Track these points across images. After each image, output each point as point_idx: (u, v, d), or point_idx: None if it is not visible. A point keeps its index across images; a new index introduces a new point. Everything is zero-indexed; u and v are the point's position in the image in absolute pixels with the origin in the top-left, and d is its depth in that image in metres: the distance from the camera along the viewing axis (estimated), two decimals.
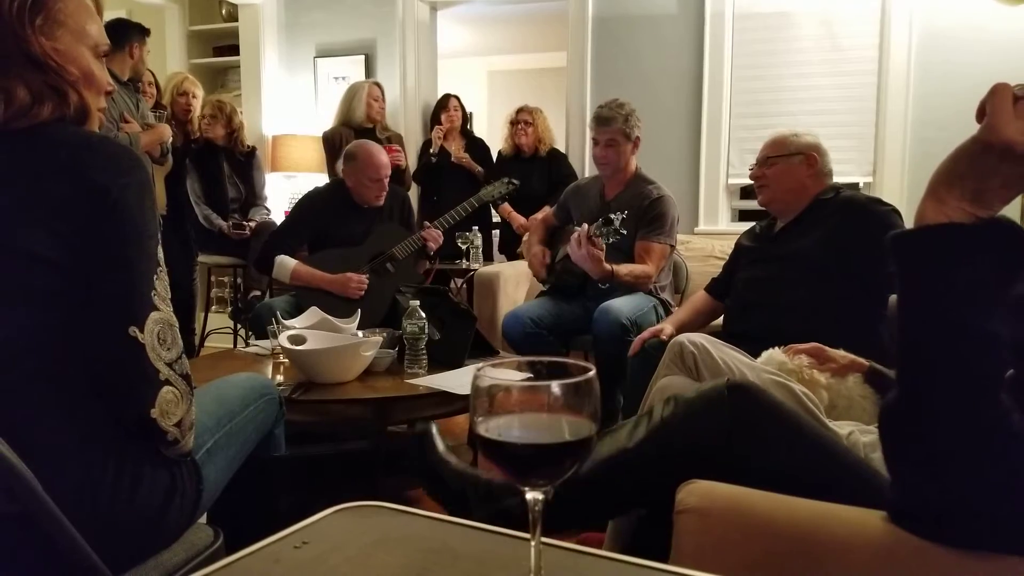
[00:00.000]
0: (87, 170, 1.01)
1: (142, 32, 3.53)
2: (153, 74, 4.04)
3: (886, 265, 0.81)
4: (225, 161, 4.21)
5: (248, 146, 4.31)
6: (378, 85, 4.26)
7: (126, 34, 3.45)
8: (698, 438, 1.16)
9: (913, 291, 0.79)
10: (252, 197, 4.30)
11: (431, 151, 4.36)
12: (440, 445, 1.42)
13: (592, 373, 0.59)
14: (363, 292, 3.00)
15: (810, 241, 2.17)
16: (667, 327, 2.36)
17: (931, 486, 0.81)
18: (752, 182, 2.40)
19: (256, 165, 4.34)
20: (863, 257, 2.05)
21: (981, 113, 0.77)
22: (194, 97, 4.23)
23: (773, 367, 1.70)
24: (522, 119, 4.26)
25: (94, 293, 1.02)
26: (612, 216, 2.64)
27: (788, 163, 2.27)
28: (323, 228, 3.14)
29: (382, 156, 3.14)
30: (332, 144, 4.09)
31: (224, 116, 4.16)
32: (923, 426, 0.80)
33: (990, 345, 0.77)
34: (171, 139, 3.78)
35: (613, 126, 2.95)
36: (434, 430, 1.44)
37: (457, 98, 4.54)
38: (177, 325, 1.10)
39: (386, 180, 3.14)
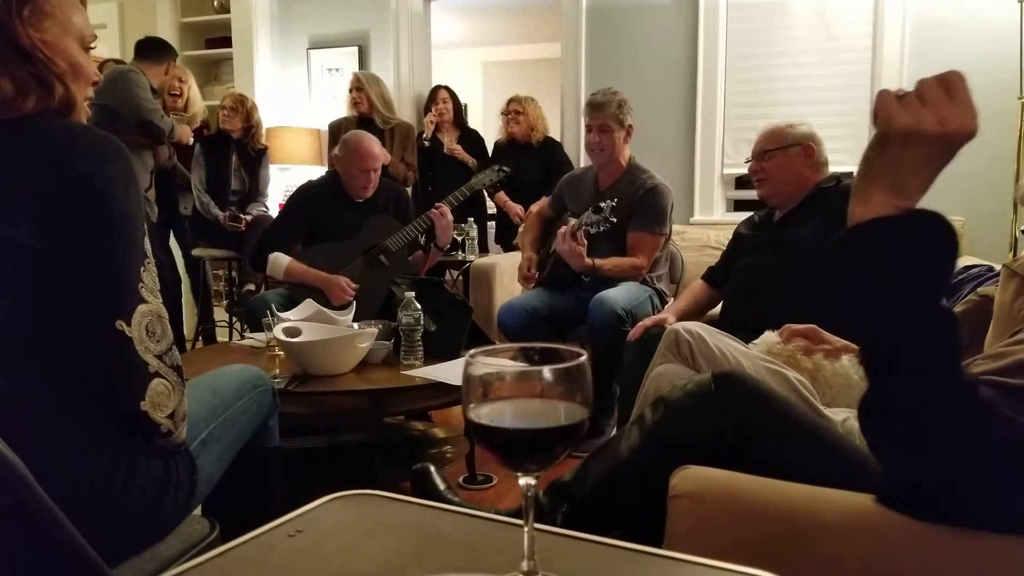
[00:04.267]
0: (71, 159, 1.01)
1: (175, 53, 4.02)
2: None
3: None
4: (235, 154, 4.24)
5: (262, 144, 4.34)
6: (356, 75, 4.26)
7: (166, 53, 3.93)
8: (691, 435, 1.16)
9: (858, 287, 0.83)
10: (254, 192, 4.31)
11: (424, 137, 4.37)
12: (440, 484, 1.43)
13: (584, 358, 0.59)
14: (343, 302, 2.95)
15: (810, 229, 2.17)
16: (670, 316, 2.37)
17: (910, 467, 0.83)
18: (749, 174, 2.39)
19: (265, 164, 4.38)
20: None
21: (875, 118, 0.83)
22: (181, 80, 4.31)
23: (764, 348, 1.71)
24: (512, 109, 4.34)
25: (80, 285, 1.01)
26: (602, 205, 2.65)
27: (786, 155, 2.26)
28: (317, 222, 3.12)
29: (374, 148, 3.09)
30: (333, 133, 4.21)
31: (244, 110, 4.23)
32: (894, 411, 0.82)
33: (942, 323, 0.80)
34: (190, 141, 4.09)
35: (606, 111, 2.95)
36: (432, 469, 1.45)
37: (447, 89, 4.53)
38: (166, 317, 1.09)
39: (373, 173, 3.09)
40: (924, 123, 0.80)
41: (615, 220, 2.69)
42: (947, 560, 0.81)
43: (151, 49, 3.85)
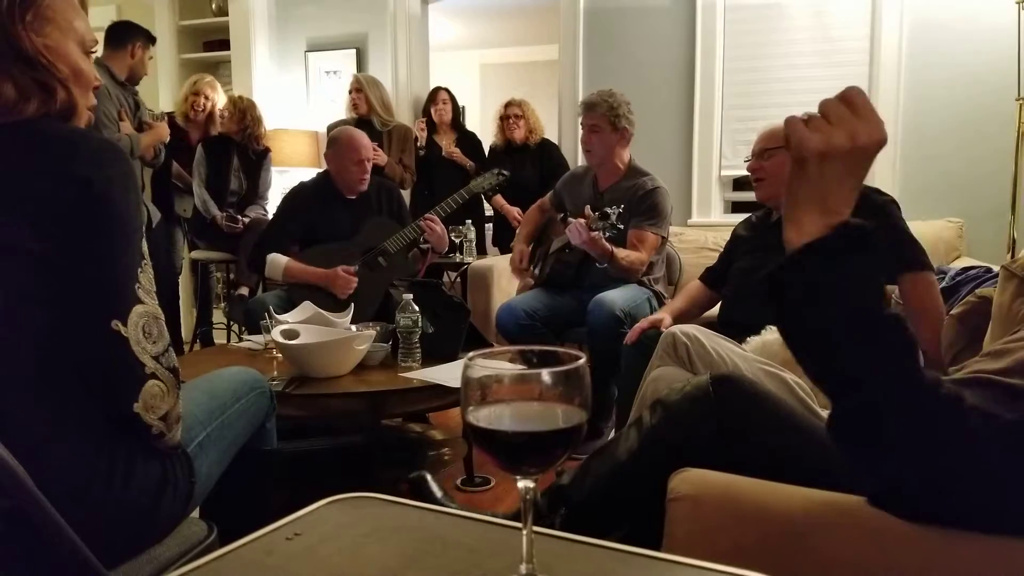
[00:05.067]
0: (70, 163, 1.01)
1: (147, 37, 3.68)
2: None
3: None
4: (236, 155, 4.23)
5: (263, 146, 4.33)
6: (356, 77, 4.27)
7: (129, 34, 3.60)
8: (689, 438, 1.16)
9: (800, 312, 0.83)
10: (252, 194, 4.31)
11: (418, 145, 4.37)
12: (437, 492, 1.43)
13: (583, 361, 0.59)
14: (350, 291, 2.97)
15: None
16: (666, 317, 2.37)
17: (887, 473, 0.84)
18: (748, 174, 2.39)
19: (266, 166, 4.37)
20: None
21: (787, 143, 0.86)
22: (206, 98, 4.30)
23: (776, 333, 1.71)
24: (512, 113, 4.34)
25: (77, 286, 1.01)
26: (608, 211, 2.65)
27: (786, 154, 2.26)
28: (312, 222, 3.12)
29: (363, 139, 3.12)
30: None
31: (238, 112, 4.21)
32: (862, 423, 0.82)
33: (890, 329, 0.80)
34: (168, 139, 3.87)
35: (596, 111, 2.96)
36: (428, 477, 1.45)
37: (447, 91, 4.54)
38: (163, 318, 1.09)
39: (368, 163, 3.11)
40: (835, 140, 0.82)
41: (621, 227, 2.69)
42: (944, 562, 0.81)
43: (113, 36, 3.59)
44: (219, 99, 4.38)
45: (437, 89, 4.53)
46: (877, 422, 0.81)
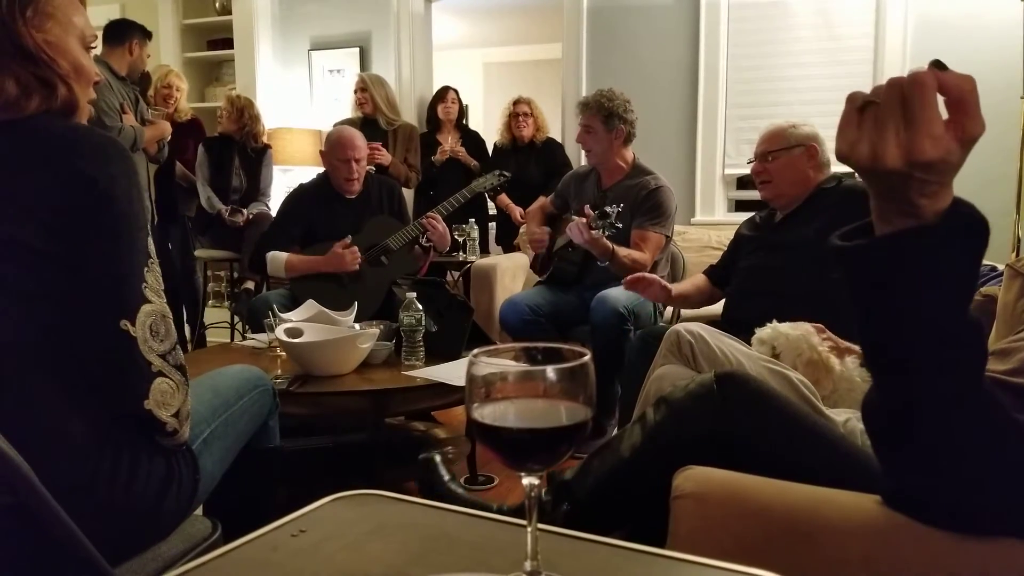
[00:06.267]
0: (73, 160, 1.01)
1: (144, 33, 3.67)
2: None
3: None
4: (236, 153, 4.25)
5: (262, 143, 4.34)
6: (361, 76, 4.27)
7: (127, 31, 3.61)
8: (693, 435, 1.16)
9: (878, 295, 0.75)
10: (254, 191, 4.31)
11: (433, 159, 4.37)
12: (445, 475, 1.43)
13: (587, 358, 0.59)
14: (358, 261, 2.96)
15: (812, 229, 2.16)
16: (670, 285, 2.41)
17: (921, 476, 0.81)
18: (752, 176, 2.39)
19: (266, 162, 4.38)
20: None
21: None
22: (177, 90, 4.32)
23: (801, 331, 1.71)
24: (521, 111, 4.35)
25: (84, 285, 1.02)
26: (608, 210, 2.65)
27: (789, 156, 2.26)
28: (312, 222, 3.11)
29: (354, 139, 3.08)
30: None
31: (235, 111, 4.21)
32: (908, 421, 0.78)
33: (969, 334, 0.74)
34: (170, 135, 3.87)
35: (588, 112, 2.97)
36: (438, 458, 1.45)
37: (456, 91, 4.54)
38: (171, 316, 1.10)
39: (355, 164, 3.06)
40: (857, 153, 0.67)
41: (620, 226, 2.69)
42: (951, 561, 0.81)
43: (111, 33, 3.59)
44: (185, 88, 4.41)
45: (447, 88, 4.54)
46: (923, 422, 0.76)
